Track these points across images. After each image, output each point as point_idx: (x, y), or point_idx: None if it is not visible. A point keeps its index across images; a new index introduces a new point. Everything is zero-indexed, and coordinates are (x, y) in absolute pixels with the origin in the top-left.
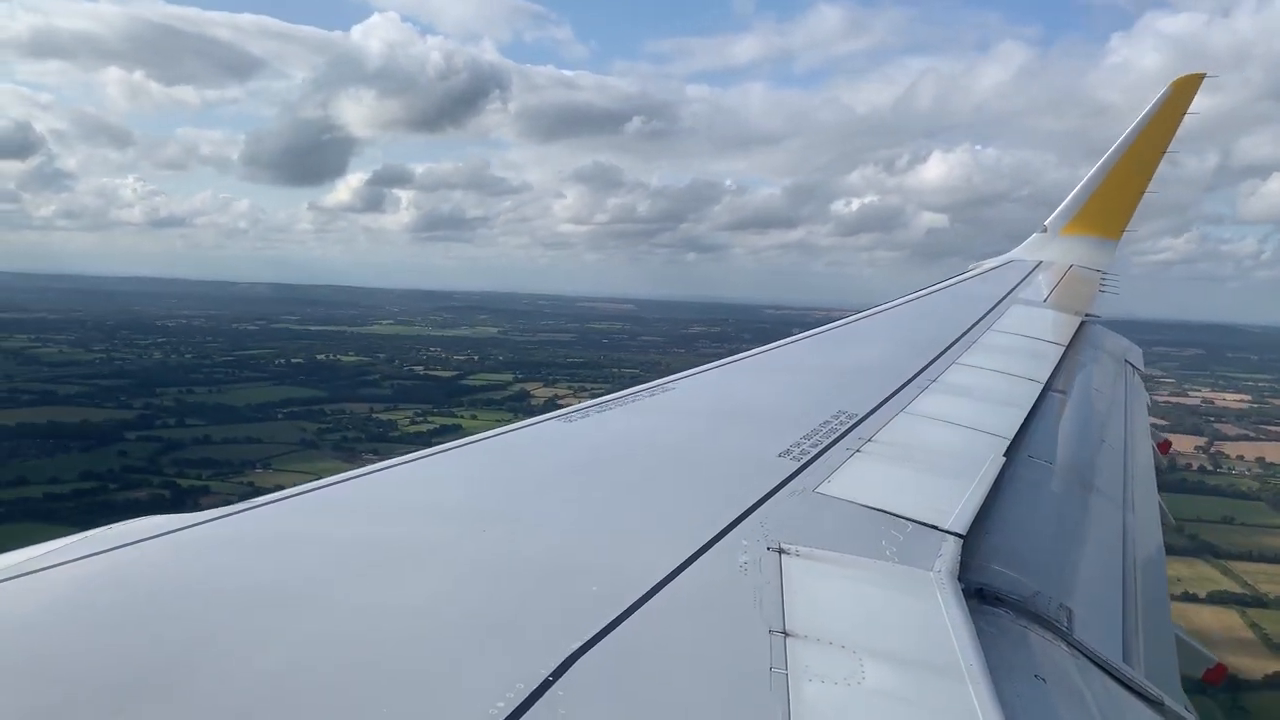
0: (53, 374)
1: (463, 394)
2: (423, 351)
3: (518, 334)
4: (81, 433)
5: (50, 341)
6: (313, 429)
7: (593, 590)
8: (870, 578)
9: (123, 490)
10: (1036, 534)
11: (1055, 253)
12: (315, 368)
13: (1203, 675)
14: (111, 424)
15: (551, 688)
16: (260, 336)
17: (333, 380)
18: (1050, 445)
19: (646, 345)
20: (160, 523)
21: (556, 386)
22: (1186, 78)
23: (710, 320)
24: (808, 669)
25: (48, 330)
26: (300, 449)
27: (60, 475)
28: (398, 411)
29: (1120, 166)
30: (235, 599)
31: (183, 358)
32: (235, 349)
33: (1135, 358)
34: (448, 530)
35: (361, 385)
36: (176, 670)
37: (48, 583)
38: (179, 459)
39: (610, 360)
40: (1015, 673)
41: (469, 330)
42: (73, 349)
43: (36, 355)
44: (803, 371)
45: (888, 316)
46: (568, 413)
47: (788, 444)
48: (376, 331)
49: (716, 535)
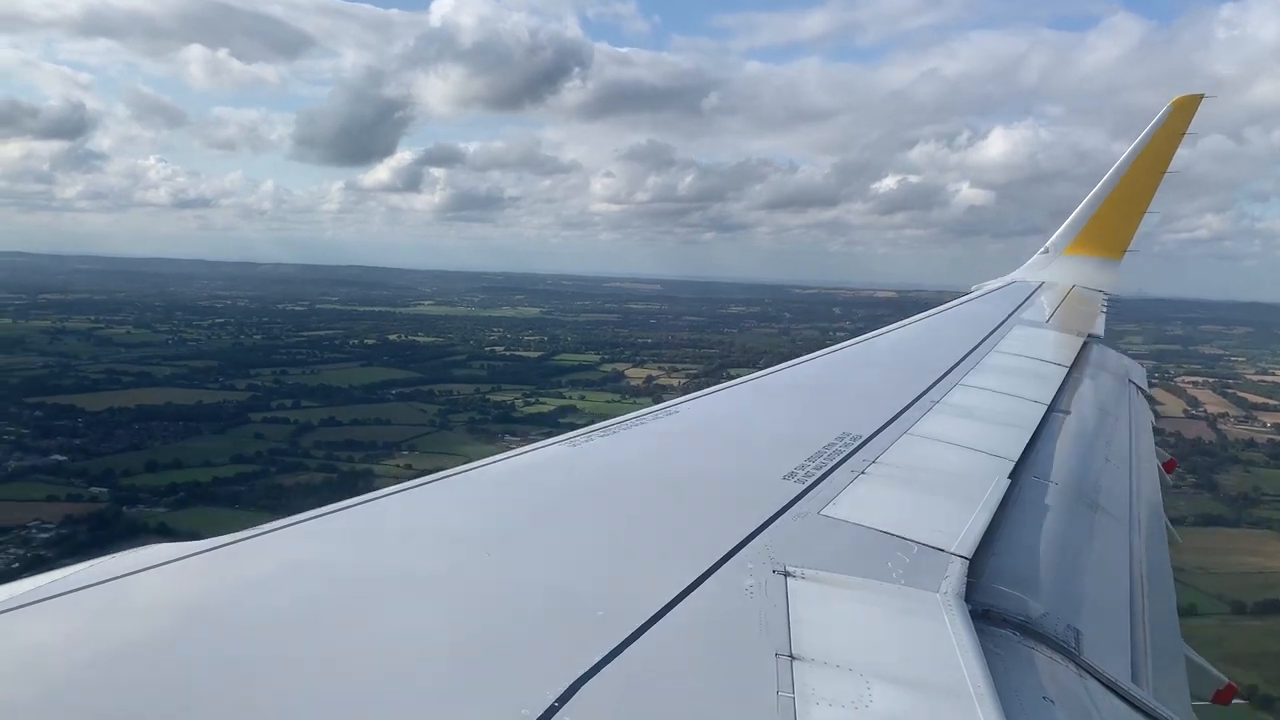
0: (133, 355)
1: (555, 375)
2: (488, 332)
3: (561, 315)
4: (205, 414)
5: (110, 323)
6: (432, 410)
7: (599, 615)
8: (876, 600)
9: (285, 474)
10: (1043, 555)
11: (1057, 273)
12: (393, 349)
13: (1213, 696)
14: (231, 406)
15: (558, 713)
16: (312, 318)
17: (418, 361)
18: (1055, 466)
19: (694, 325)
20: (162, 551)
21: (646, 367)
22: (1186, 98)
23: (745, 300)
24: (815, 692)
25: (99, 312)
26: (434, 431)
27: (211, 459)
28: (503, 393)
29: (1121, 187)
30: (240, 628)
31: (252, 339)
32: (300, 330)
33: (1138, 377)
34: (453, 555)
35: (450, 366)
36: (176, 700)
37: (53, 613)
38: (320, 441)
39: (680, 340)
40: (1023, 694)
41: (511, 311)
42: (138, 330)
43: (108, 337)
44: (806, 393)
45: (891, 338)
46: (572, 437)
47: (792, 466)
48: (424, 312)
49: (722, 558)
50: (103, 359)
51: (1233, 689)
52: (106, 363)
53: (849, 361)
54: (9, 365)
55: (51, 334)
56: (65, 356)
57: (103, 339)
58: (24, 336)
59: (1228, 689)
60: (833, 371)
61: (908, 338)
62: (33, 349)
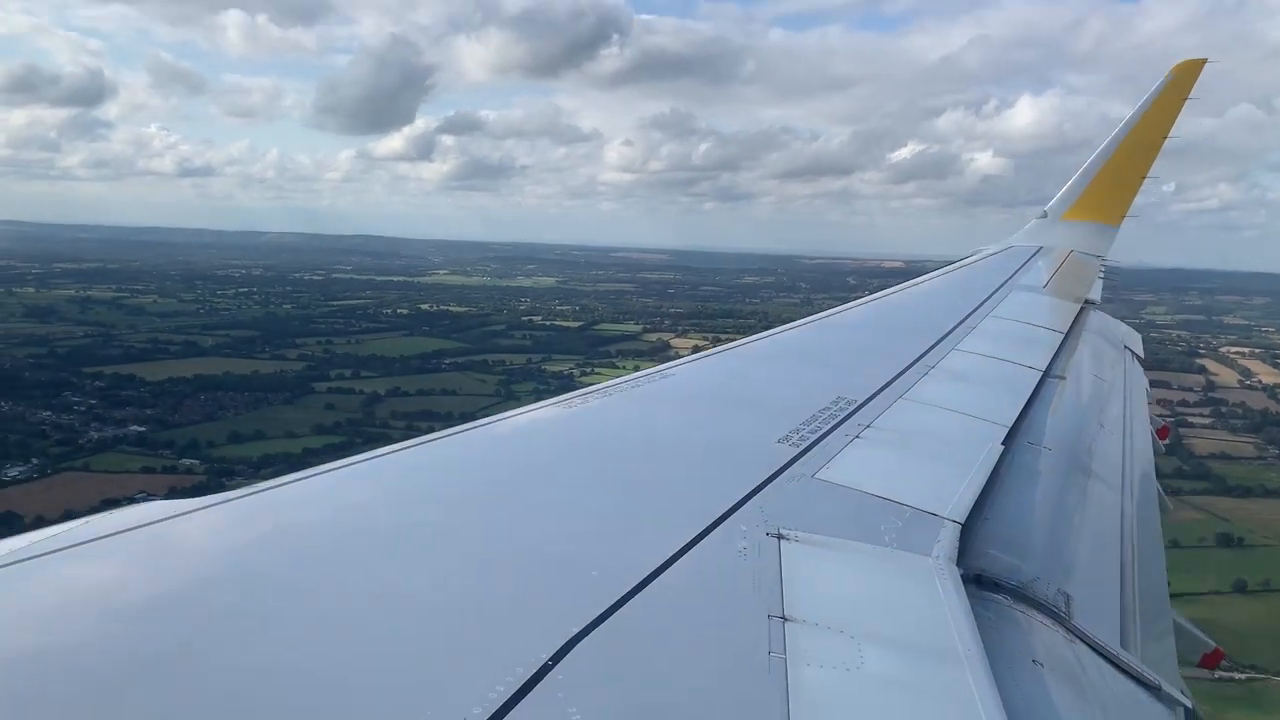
0: (170, 325)
1: (599, 345)
2: (517, 302)
3: (579, 284)
4: (267, 384)
5: (134, 292)
6: (492, 381)
7: (592, 575)
8: (869, 563)
9: (371, 444)
10: (1035, 520)
11: (1055, 238)
12: (429, 318)
13: (1200, 660)
14: (291, 376)
15: (551, 671)
16: (334, 287)
17: (460, 332)
18: (1049, 432)
19: (713, 295)
20: (156, 509)
21: (689, 337)
22: (1188, 63)
23: (758, 271)
24: (806, 654)
25: (116, 281)
26: (502, 400)
27: (291, 429)
28: (554, 363)
29: (1121, 152)
30: (230, 588)
31: (282, 308)
32: (329, 300)
33: (1134, 343)
34: (446, 516)
35: (492, 336)
36: (165, 662)
37: (45, 570)
38: (396, 412)
39: (714, 310)
40: (1013, 658)
41: (528, 281)
42: (165, 299)
43: (138, 306)
44: (802, 357)
45: (887, 302)
46: (569, 398)
47: (787, 430)
48: (442, 281)
49: (716, 521)
50: (140, 328)
51: (1219, 654)
52: (145, 332)
53: (845, 325)
54: (51, 334)
55: (79, 303)
56: (102, 326)
57: (133, 309)
58: (53, 305)
59: (1215, 653)
60: (828, 335)
61: (904, 302)
62: (67, 318)
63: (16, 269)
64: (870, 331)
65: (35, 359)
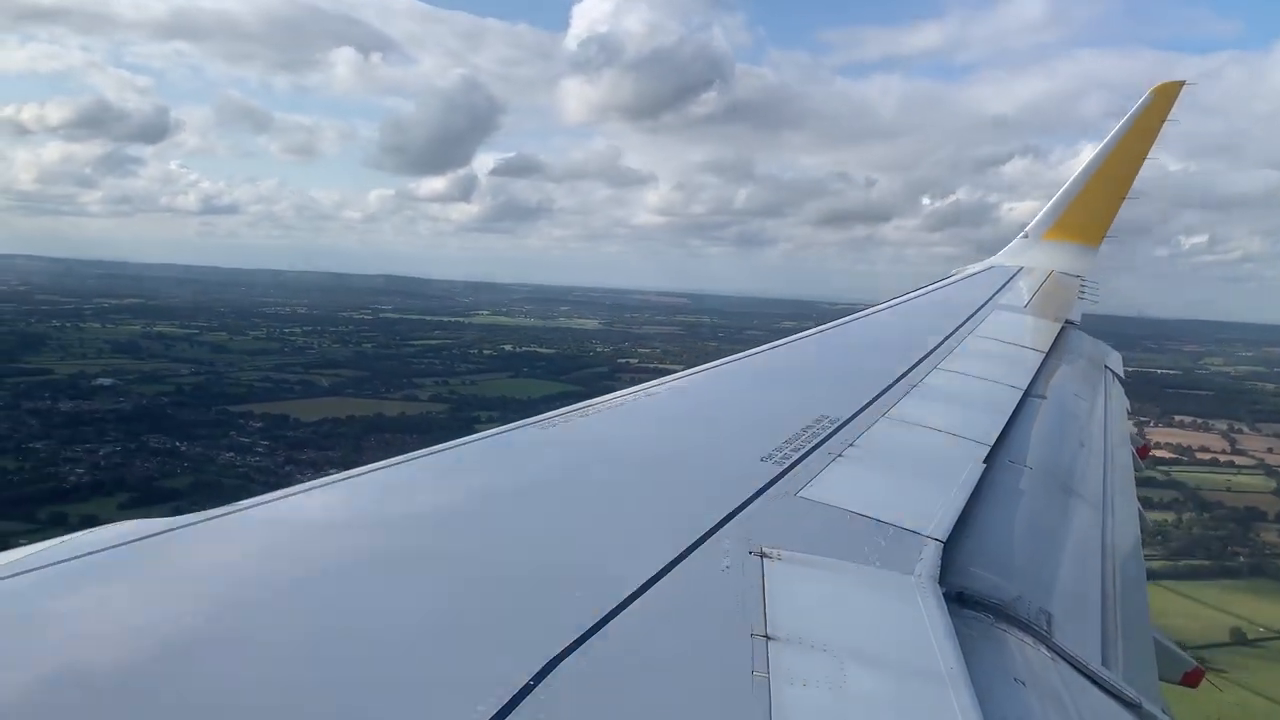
0: (270, 364)
1: None
2: (591, 345)
3: (623, 327)
4: (419, 426)
5: (201, 329)
6: None
7: (574, 595)
8: (852, 582)
9: None
10: (1017, 539)
11: (1036, 258)
12: (522, 360)
13: (1180, 679)
14: (440, 417)
15: (532, 692)
16: (397, 326)
17: (563, 373)
18: (1030, 450)
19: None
20: (143, 526)
21: None
22: (1167, 85)
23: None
24: (789, 672)
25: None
26: None
27: None
28: None
29: (1100, 174)
30: (211, 605)
31: (360, 347)
32: (408, 340)
33: (1115, 363)
34: (425, 536)
35: (600, 379)
36: (149, 677)
37: (29, 585)
38: None
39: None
40: (995, 676)
41: (567, 321)
42: (238, 338)
43: (219, 344)
44: (784, 376)
45: (870, 322)
46: (547, 418)
47: (769, 448)
48: (493, 322)
49: (698, 539)
50: (241, 365)
51: (1200, 672)
52: (250, 370)
53: (827, 344)
54: (158, 371)
55: (160, 340)
56: (198, 364)
57: (215, 345)
58: (134, 341)
59: (1195, 671)
60: (811, 354)
61: (886, 321)
62: (156, 355)
63: (66, 304)
64: (852, 350)
65: (167, 396)
